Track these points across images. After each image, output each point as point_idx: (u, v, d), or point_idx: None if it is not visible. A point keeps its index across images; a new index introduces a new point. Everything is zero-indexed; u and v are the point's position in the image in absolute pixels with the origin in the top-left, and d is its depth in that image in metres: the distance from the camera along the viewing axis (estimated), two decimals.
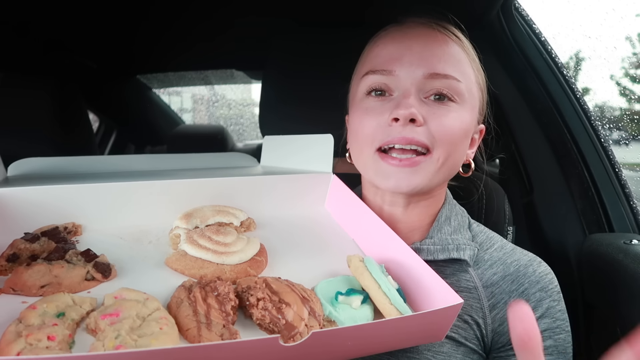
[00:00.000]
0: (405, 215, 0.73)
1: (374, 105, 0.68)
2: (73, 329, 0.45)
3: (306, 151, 0.84)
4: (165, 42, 1.40)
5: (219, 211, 0.69)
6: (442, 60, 0.66)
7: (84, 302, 0.48)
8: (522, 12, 1.10)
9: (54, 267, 0.53)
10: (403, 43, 0.68)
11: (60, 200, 0.66)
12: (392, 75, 0.67)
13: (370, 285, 0.55)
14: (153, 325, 0.44)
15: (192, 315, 0.47)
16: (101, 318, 0.45)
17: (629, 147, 1.21)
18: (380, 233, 0.65)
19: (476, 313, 0.66)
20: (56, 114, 1.26)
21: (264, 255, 0.62)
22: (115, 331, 0.43)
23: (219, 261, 0.58)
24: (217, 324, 0.47)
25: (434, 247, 0.69)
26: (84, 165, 0.90)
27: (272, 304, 0.50)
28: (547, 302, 0.65)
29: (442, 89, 0.66)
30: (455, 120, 0.66)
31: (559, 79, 1.06)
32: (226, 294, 0.50)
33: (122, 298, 0.49)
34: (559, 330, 0.64)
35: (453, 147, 0.66)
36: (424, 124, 0.65)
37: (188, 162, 0.97)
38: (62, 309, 0.46)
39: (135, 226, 0.68)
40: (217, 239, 0.61)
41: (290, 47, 1.16)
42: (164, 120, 2.30)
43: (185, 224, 0.65)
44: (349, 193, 0.74)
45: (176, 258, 0.59)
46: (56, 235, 0.60)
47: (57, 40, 1.31)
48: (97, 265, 0.55)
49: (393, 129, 0.65)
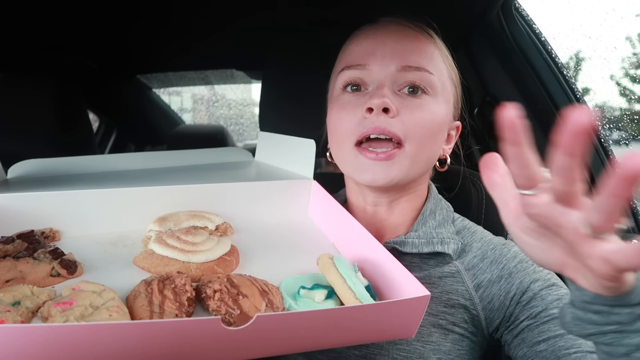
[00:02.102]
0: (389, 213, 0.74)
1: (349, 100, 0.69)
2: (27, 317, 0.46)
3: (292, 152, 0.85)
4: (166, 42, 1.40)
5: (194, 215, 0.69)
6: (414, 53, 0.68)
7: (41, 293, 0.49)
8: (522, 12, 1.09)
9: (19, 263, 0.54)
10: (376, 38, 0.70)
11: (40, 207, 0.67)
12: (366, 69, 0.69)
13: (335, 281, 0.53)
14: (103, 313, 0.45)
15: (147, 305, 0.48)
16: (54, 306, 0.46)
17: (629, 147, 1.21)
18: (358, 236, 0.64)
19: (462, 296, 0.67)
20: (56, 114, 1.26)
21: (235, 256, 0.62)
22: (64, 317, 0.44)
23: (185, 259, 0.58)
24: (169, 314, 0.47)
25: (418, 240, 0.70)
26: (84, 165, 0.90)
27: (229, 295, 0.49)
28: (531, 268, 0.66)
29: (415, 81, 0.67)
30: (428, 113, 0.67)
31: (559, 79, 1.06)
32: (182, 286, 0.50)
33: (79, 289, 0.49)
34: (556, 287, 0.64)
35: (426, 140, 0.67)
36: (397, 115, 0.66)
37: (183, 159, 0.97)
38: (19, 298, 0.47)
39: (114, 232, 0.69)
40: (186, 238, 0.60)
41: (290, 46, 1.16)
42: (164, 120, 2.30)
43: (159, 227, 0.65)
44: (329, 198, 0.74)
45: (143, 257, 0.59)
46: (30, 238, 0.61)
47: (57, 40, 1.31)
48: (63, 262, 0.55)
49: (368, 120, 0.66)
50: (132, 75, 1.97)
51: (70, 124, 1.31)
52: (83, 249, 0.63)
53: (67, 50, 1.40)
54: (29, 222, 0.66)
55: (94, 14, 1.12)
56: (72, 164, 0.90)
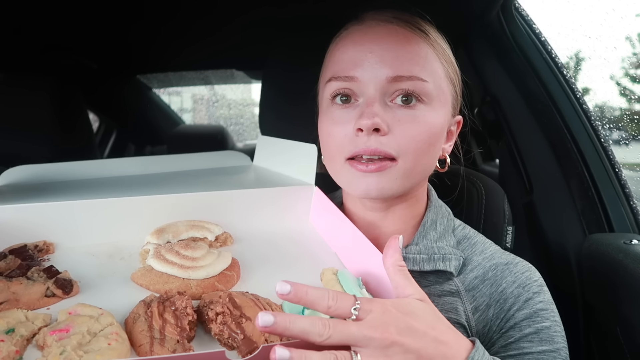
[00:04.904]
0: (387, 220, 0.72)
1: (339, 114, 0.66)
2: (22, 346, 0.44)
3: (293, 157, 0.84)
4: (165, 42, 1.40)
5: (193, 226, 0.67)
6: (405, 60, 0.64)
7: (36, 319, 0.47)
8: (522, 12, 1.09)
9: (12, 284, 0.52)
10: (364, 46, 0.65)
11: (33, 219, 0.65)
12: (355, 81, 0.65)
13: None
14: (102, 341, 0.43)
15: (147, 330, 0.46)
16: (50, 334, 0.44)
17: (629, 147, 1.20)
18: (360, 246, 0.62)
19: (461, 316, 0.66)
20: (56, 114, 1.26)
21: (236, 270, 0.60)
22: (61, 347, 0.41)
23: (185, 276, 0.56)
24: (170, 339, 0.45)
25: (419, 256, 0.68)
26: (79, 171, 0.89)
27: (231, 318, 0.48)
28: (524, 295, 0.65)
29: (407, 90, 0.63)
30: (423, 124, 0.64)
31: (559, 79, 1.06)
32: (183, 309, 0.48)
33: (76, 314, 0.47)
34: (540, 319, 0.63)
35: (421, 153, 0.64)
36: (388, 133, 0.63)
37: (182, 164, 0.96)
38: (13, 325, 0.45)
39: (110, 243, 0.67)
40: (185, 253, 0.59)
41: (289, 47, 1.16)
42: (164, 120, 2.30)
43: (157, 240, 0.63)
44: (330, 205, 0.72)
45: (142, 273, 0.57)
46: (23, 253, 0.59)
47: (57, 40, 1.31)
48: (58, 282, 0.53)
49: (359, 139, 0.64)
50: (132, 75, 1.97)
51: (70, 125, 1.31)
52: (78, 262, 0.61)
53: (67, 50, 1.40)
54: (21, 235, 0.64)
55: (94, 14, 1.12)
56: (67, 170, 0.88)
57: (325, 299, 0.45)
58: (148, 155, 1.65)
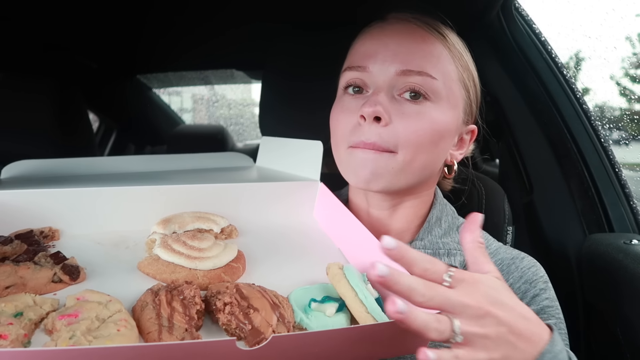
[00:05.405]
0: (393, 218, 0.72)
1: (349, 102, 0.68)
2: (30, 329, 0.44)
3: (297, 155, 0.84)
4: (166, 42, 1.40)
5: (199, 217, 0.67)
6: (417, 56, 0.65)
7: (44, 303, 0.47)
8: (522, 12, 1.09)
9: (19, 269, 0.52)
10: (380, 40, 0.68)
11: (40, 205, 0.65)
12: (367, 71, 0.67)
13: (346, 293, 0.52)
14: (111, 327, 0.43)
15: (155, 318, 0.46)
16: (59, 318, 0.44)
17: (629, 147, 1.21)
18: (364, 242, 0.62)
19: None
20: (56, 114, 1.26)
21: (241, 262, 0.60)
22: (71, 331, 0.42)
23: (192, 266, 0.56)
24: (179, 328, 0.45)
25: (424, 250, 0.68)
26: (80, 166, 0.89)
27: (239, 308, 0.48)
28: (531, 292, 0.65)
29: (415, 86, 0.64)
30: (427, 120, 0.64)
31: (559, 79, 1.06)
32: (192, 298, 0.48)
33: (84, 299, 0.47)
34: (547, 315, 0.63)
35: (422, 148, 0.65)
36: (390, 123, 0.64)
37: (183, 163, 0.96)
38: (21, 309, 0.45)
39: (115, 232, 0.67)
40: (192, 244, 0.59)
41: (288, 49, 1.16)
42: (164, 120, 2.30)
43: (163, 230, 0.63)
44: (335, 201, 0.72)
45: (148, 262, 0.58)
46: (29, 238, 0.59)
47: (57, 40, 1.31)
48: (65, 267, 0.54)
49: (360, 130, 0.65)
50: (133, 75, 1.97)
51: (70, 126, 1.31)
52: (84, 250, 0.61)
53: (67, 50, 1.40)
54: (26, 221, 0.64)
55: (94, 14, 1.12)
56: (68, 165, 0.88)
57: (424, 261, 0.44)
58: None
